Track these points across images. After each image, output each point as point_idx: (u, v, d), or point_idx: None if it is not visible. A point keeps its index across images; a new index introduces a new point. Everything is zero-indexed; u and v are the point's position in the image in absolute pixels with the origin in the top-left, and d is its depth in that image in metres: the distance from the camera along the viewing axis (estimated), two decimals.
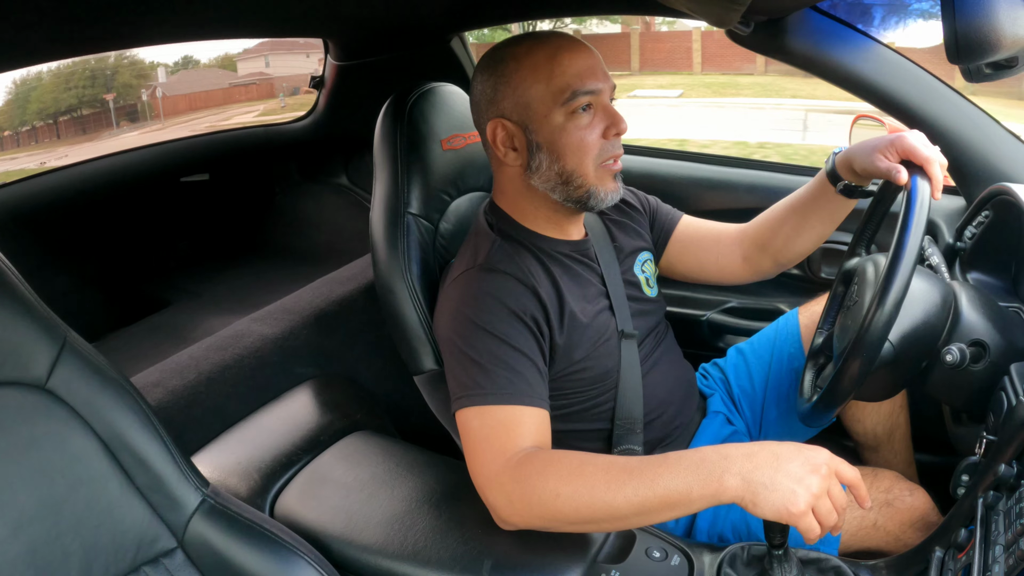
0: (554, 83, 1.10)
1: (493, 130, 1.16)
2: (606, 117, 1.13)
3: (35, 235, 2.25)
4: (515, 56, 1.13)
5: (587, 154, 1.12)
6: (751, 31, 1.42)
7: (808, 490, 0.81)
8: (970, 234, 1.33)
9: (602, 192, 1.15)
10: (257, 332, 1.62)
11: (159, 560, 0.93)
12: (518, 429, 1.02)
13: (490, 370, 1.05)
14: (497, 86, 1.14)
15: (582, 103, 1.10)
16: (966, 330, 1.06)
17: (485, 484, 1.00)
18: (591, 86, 1.10)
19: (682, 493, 0.87)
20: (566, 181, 1.14)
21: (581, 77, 1.10)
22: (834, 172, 1.21)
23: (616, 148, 1.15)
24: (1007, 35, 0.85)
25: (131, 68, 4.47)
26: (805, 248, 1.33)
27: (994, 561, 0.77)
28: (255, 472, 1.27)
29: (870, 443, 1.47)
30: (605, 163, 1.14)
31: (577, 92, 1.09)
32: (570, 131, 1.11)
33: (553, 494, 0.93)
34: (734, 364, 1.53)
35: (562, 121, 1.11)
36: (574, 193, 1.15)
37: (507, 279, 1.12)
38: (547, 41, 1.12)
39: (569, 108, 1.10)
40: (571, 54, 1.11)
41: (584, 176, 1.14)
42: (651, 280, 1.36)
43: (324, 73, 2.35)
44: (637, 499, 0.89)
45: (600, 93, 1.12)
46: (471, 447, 1.03)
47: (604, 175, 1.15)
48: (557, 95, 1.10)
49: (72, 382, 0.88)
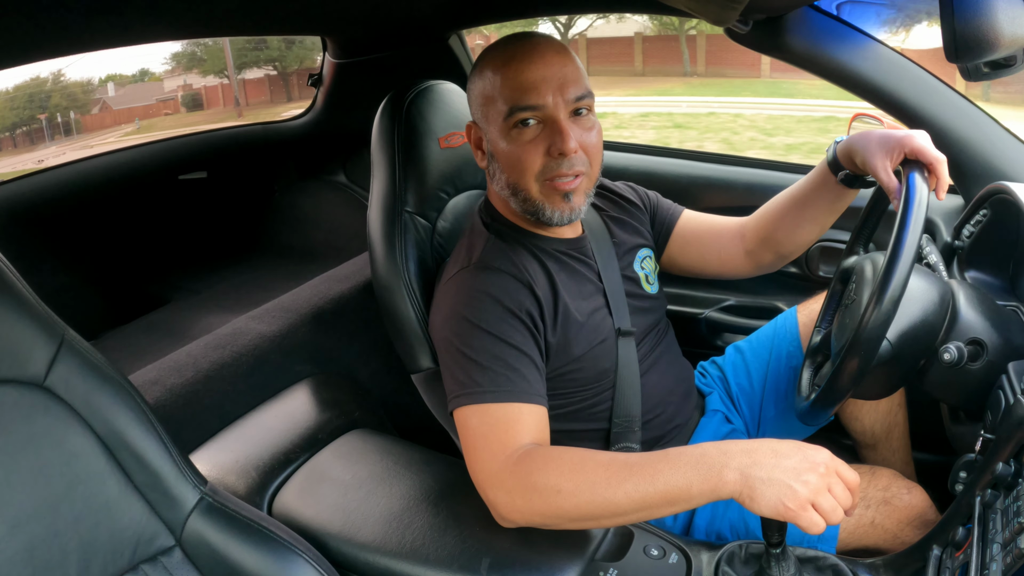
0: (500, 94, 1.09)
1: (469, 131, 1.17)
2: (551, 135, 1.08)
3: (33, 233, 2.25)
4: (484, 58, 1.12)
5: (526, 170, 1.10)
6: (750, 29, 1.42)
7: (805, 486, 0.81)
8: (968, 233, 1.33)
9: (549, 210, 1.13)
10: (255, 330, 1.62)
11: (157, 558, 0.93)
12: (517, 426, 1.02)
13: (487, 368, 1.04)
14: (471, 86, 1.15)
15: (519, 118, 1.08)
16: (964, 329, 1.06)
17: (485, 482, 1.00)
18: (533, 101, 1.07)
19: (682, 489, 0.87)
20: (514, 193, 1.14)
21: (524, 91, 1.06)
22: (835, 162, 1.21)
23: (565, 166, 1.09)
24: (1005, 34, 0.85)
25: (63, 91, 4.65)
26: (806, 239, 1.33)
27: (991, 559, 0.78)
28: (253, 470, 1.27)
29: (868, 441, 1.47)
30: (551, 181, 1.10)
31: (515, 107, 1.07)
32: (509, 145, 1.10)
33: (554, 490, 0.93)
34: (732, 362, 1.53)
35: (504, 134, 1.09)
36: (524, 206, 1.14)
37: (502, 276, 1.12)
38: (506, 47, 1.10)
39: (509, 123, 1.08)
40: (522, 64, 1.07)
41: (527, 191, 1.12)
42: (651, 277, 1.36)
43: (322, 71, 2.35)
44: (637, 495, 0.89)
45: (546, 108, 1.07)
46: (470, 445, 1.03)
47: (551, 193, 1.11)
48: (501, 107, 1.08)
49: (70, 380, 0.88)
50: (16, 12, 1.05)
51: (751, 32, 1.42)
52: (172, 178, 2.62)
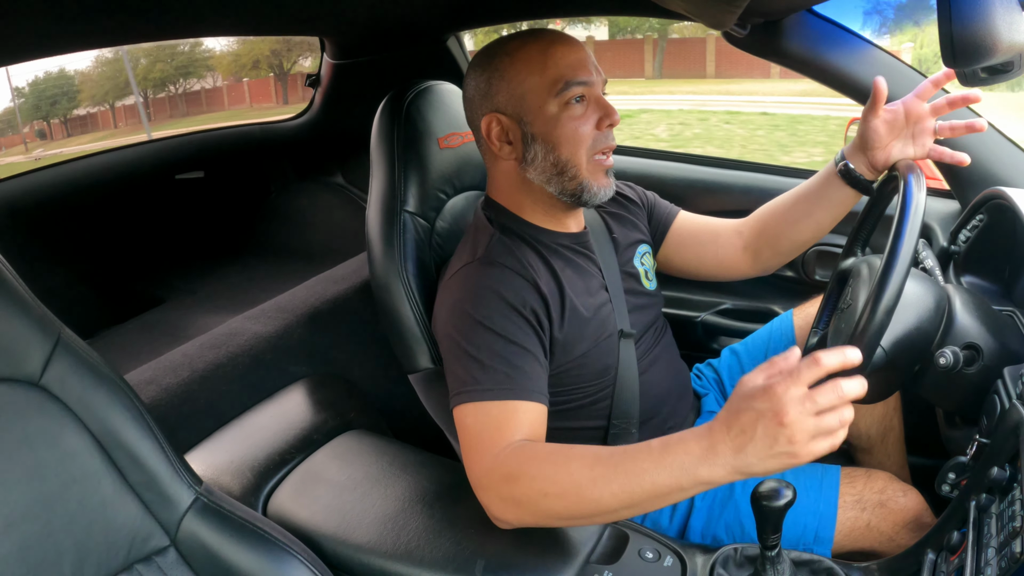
0: (548, 74, 1.12)
1: (488, 124, 1.17)
2: (599, 108, 1.15)
3: (30, 231, 2.25)
4: (508, 51, 1.14)
5: (581, 144, 1.14)
6: (747, 33, 1.42)
7: (791, 441, 0.76)
8: (964, 238, 1.34)
9: (595, 186, 1.17)
10: (251, 330, 1.62)
11: (152, 558, 0.93)
12: (511, 424, 1.01)
13: (488, 366, 1.04)
14: (491, 80, 1.15)
15: (575, 93, 1.12)
16: (960, 333, 1.07)
17: (477, 484, 1.00)
18: (583, 77, 1.12)
19: (670, 487, 0.85)
20: (560, 172, 1.16)
21: (573, 68, 1.12)
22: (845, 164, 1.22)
23: (609, 140, 1.17)
24: (1003, 39, 0.85)
25: None
26: (804, 238, 1.33)
27: (986, 564, 0.78)
28: (248, 470, 1.27)
29: (864, 445, 1.47)
30: (598, 156, 1.16)
31: (570, 82, 1.11)
32: (564, 121, 1.13)
33: (540, 494, 0.93)
34: (728, 364, 1.53)
35: (556, 111, 1.13)
36: (568, 185, 1.16)
37: (506, 272, 1.12)
38: (539, 36, 1.15)
39: (563, 99, 1.12)
40: (563, 47, 1.13)
41: (578, 167, 1.15)
42: (650, 273, 1.36)
43: (320, 71, 2.35)
44: (624, 495, 0.88)
45: (592, 85, 1.14)
46: (466, 444, 1.03)
47: (596, 169, 1.16)
48: (551, 86, 1.12)
49: (66, 379, 0.88)
50: (12, 10, 1.05)
51: (749, 36, 1.43)
52: (169, 178, 2.62)
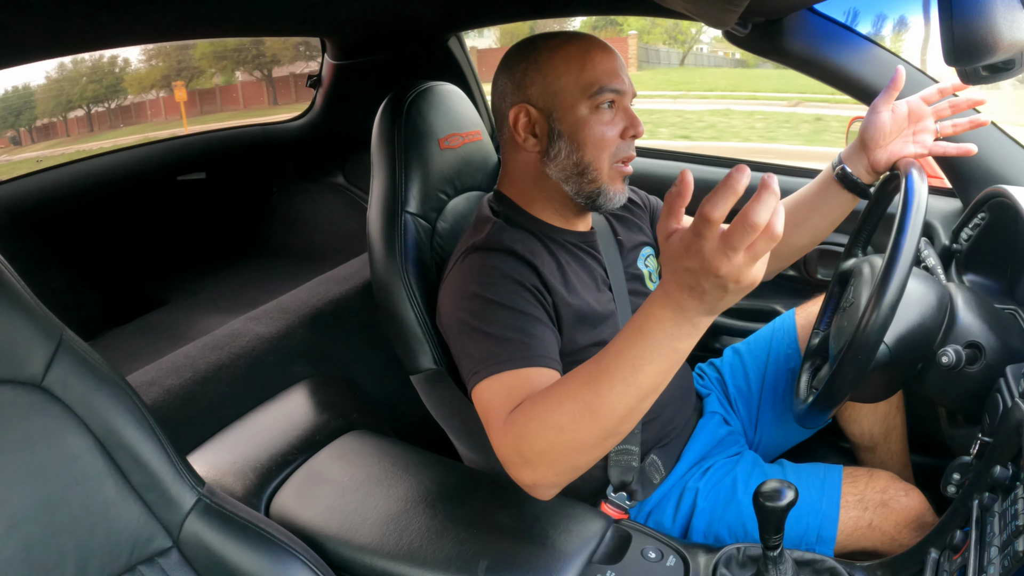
0: (584, 76, 1.14)
1: (516, 114, 1.18)
2: (626, 118, 1.17)
3: (32, 233, 2.25)
4: (548, 47, 1.17)
5: (605, 149, 1.16)
6: (749, 32, 1.42)
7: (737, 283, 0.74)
8: (966, 236, 1.33)
9: (611, 191, 1.19)
10: (253, 331, 1.62)
11: (154, 559, 0.93)
12: (520, 390, 0.98)
13: (503, 338, 1.04)
14: (528, 71, 1.17)
15: (607, 99, 1.14)
16: (962, 332, 1.06)
17: (501, 458, 0.96)
18: (616, 85, 1.15)
19: (668, 358, 0.82)
20: (581, 172, 1.17)
21: (609, 75, 1.15)
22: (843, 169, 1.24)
23: (630, 149, 1.19)
24: (1004, 37, 0.85)
25: None
26: (802, 245, 1.34)
27: (989, 563, 0.78)
28: (251, 471, 1.27)
29: (866, 444, 1.47)
30: (618, 163, 1.17)
31: (604, 88, 1.14)
32: (592, 124, 1.15)
33: (556, 429, 0.88)
34: (730, 364, 1.53)
35: (587, 113, 1.15)
36: (586, 187, 1.18)
37: (508, 256, 1.13)
38: (581, 37, 1.18)
39: (595, 102, 1.14)
40: (603, 52, 1.16)
41: (598, 171, 1.17)
42: (654, 275, 1.36)
43: (321, 72, 2.35)
44: (631, 391, 0.84)
45: (623, 94, 1.16)
46: (486, 422, 1.01)
47: (615, 175, 1.18)
48: (586, 88, 1.14)
49: (68, 380, 0.88)
50: (14, 10, 1.05)
51: (750, 35, 1.43)
52: (171, 179, 2.62)
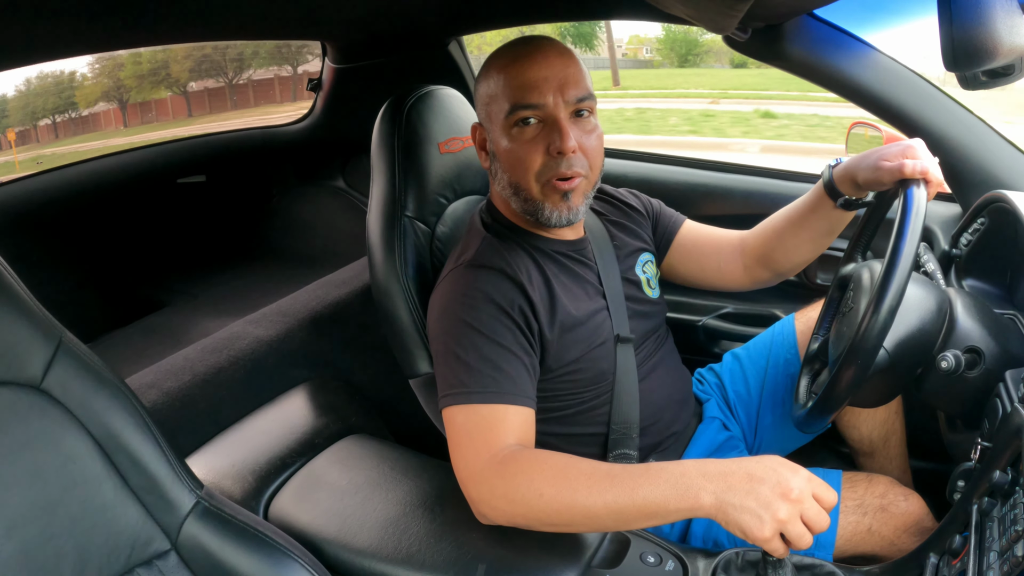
0: (503, 93, 1.11)
1: (474, 131, 1.19)
2: (551, 133, 1.09)
3: (32, 235, 2.25)
4: (494, 59, 1.14)
5: (527, 169, 1.11)
6: (749, 38, 1.42)
7: (774, 517, 0.82)
8: (966, 241, 1.33)
9: (548, 210, 1.13)
10: (252, 334, 1.62)
11: (153, 562, 0.92)
12: (502, 426, 1.03)
13: (475, 368, 1.05)
14: (479, 87, 1.16)
15: (520, 116, 1.09)
16: (961, 337, 1.06)
17: (468, 479, 1.01)
18: (534, 100, 1.08)
19: (659, 505, 0.89)
20: (515, 192, 1.15)
21: (525, 90, 1.08)
22: (832, 185, 1.20)
23: (564, 166, 1.10)
24: (1004, 43, 0.85)
25: None
26: (804, 259, 1.34)
27: (988, 567, 0.77)
28: (249, 475, 1.27)
29: (865, 449, 1.47)
30: (551, 181, 1.11)
31: (517, 106, 1.09)
32: (511, 143, 1.11)
33: (536, 494, 0.94)
34: (730, 369, 1.53)
35: (506, 133, 1.11)
36: (525, 206, 1.15)
37: (493, 274, 1.12)
38: (512, 49, 1.12)
39: (510, 121, 1.10)
40: (526, 64, 1.09)
41: (528, 190, 1.13)
42: (652, 281, 1.36)
43: (322, 75, 2.35)
44: (616, 506, 0.91)
45: (547, 107, 1.09)
46: (455, 442, 1.04)
47: (550, 192, 1.12)
48: (503, 106, 1.10)
49: (67, 383, 0.88)
50: (14, 14, 1.05)
51: (750, 40, 1.43)
52: (171, 181, 2.62)
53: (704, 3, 0.96)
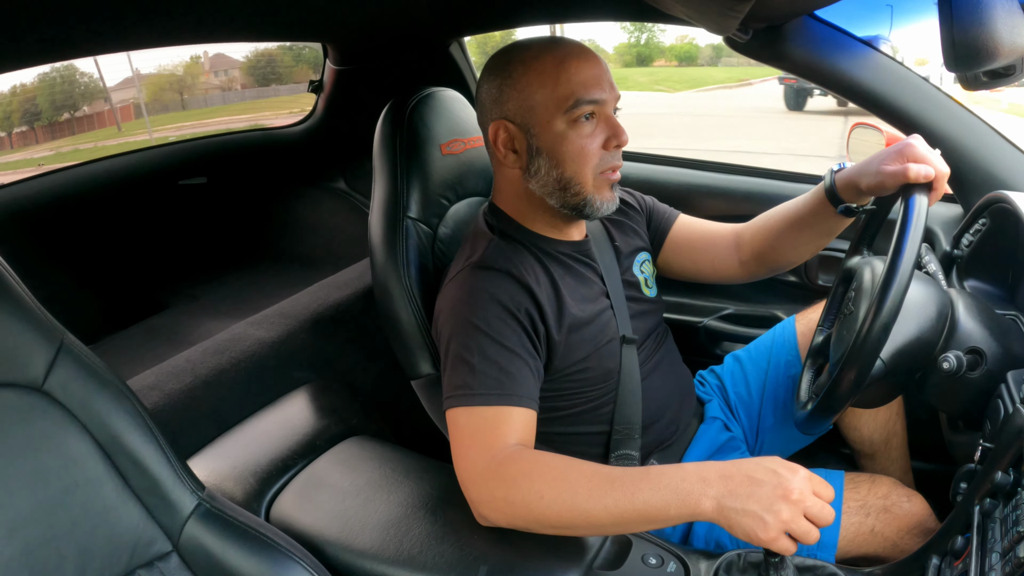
0: (559, 90, 1.11)
1: (495, 131, 1.17)
2: (608, 128, 1.13)
3: (33, 236, 2.25)
4: (523, 59, 1.13)
5: (587, 163, 1.13)
6: (750, 38, 1.42)
7: (777, 518, 0.83)
8: (967, 242, 1.33)
9: (598, 201, 1.16)
10: (254, 336, 1.62)
11: (154, 563, 0.93)
12: (504, 428, 1.03)
13: (480, 370, 1.05)
14: (503, 87, 1.14)
15: (585, 111, 1.11)
16: (963, 338, 1.06)
17: (469, 480, 1.02)
18: (595, 95, 1.11)
19: (660, 509, 0.89)
20: (563, 187, 1.15)
21: (586, 86, 1.10)
22: (833, 191, 1.19)
23: (616, 159, 1.15)
24: (1004, 43, 0.85)
25: None
26: (800, 258, 1.34)
27: (990, 569, 0.77)
28: (251, 476, 1.27)
29: (867, 450, 1.47)
30: (604, 173, 1.15)
31: (581, 100, 1.10)
32: (571, 139, 1.12)
33: (537, 496, 0.94)
34: (731, 371, 1.53)
35: (564, 128, 1.12)
36: (571, 200, 1.16)
37: (501, 276, 1.12)
38: (556, 47, 1.13)
39: (572, 116, 1.11)
40: (579, 62, 1.11)
41: (582, 184, 1.14)
42: (650, 280, 1.36)
43: (323, 77, 2.35)
44: (616, 510, 0.91)
45: (604, 104, 1.12)
46: (457, 443, 1.05)
47: (602, 184, 1.16)
48: (561, 102, 1.11)
49: (68, 384, 0.88)
50: (17, 16, 1.06)
51: (751, 41, 1.43)
52: (172, 183, 2.62)
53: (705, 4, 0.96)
